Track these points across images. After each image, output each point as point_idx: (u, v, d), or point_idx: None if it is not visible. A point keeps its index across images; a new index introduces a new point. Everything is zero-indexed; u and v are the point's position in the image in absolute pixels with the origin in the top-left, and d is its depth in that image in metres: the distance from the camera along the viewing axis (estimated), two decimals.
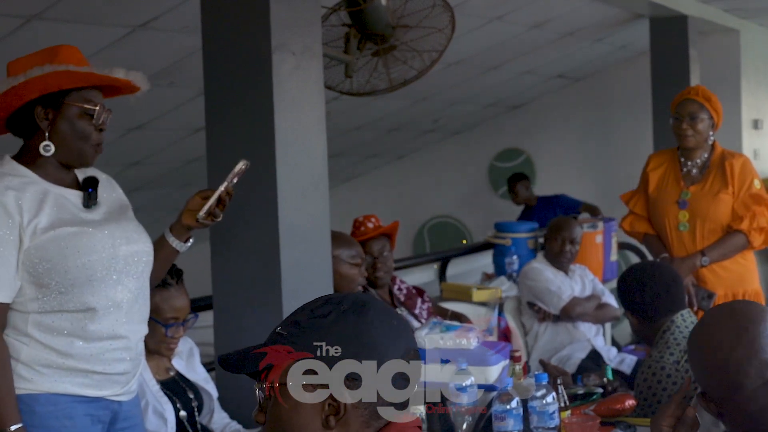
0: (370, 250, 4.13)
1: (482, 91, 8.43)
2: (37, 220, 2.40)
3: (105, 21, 4.66)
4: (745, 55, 8.60)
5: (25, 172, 2.46)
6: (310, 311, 1.47)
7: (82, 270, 2.41)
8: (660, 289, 3.35)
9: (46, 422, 2.41)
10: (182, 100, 5.95)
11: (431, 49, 4.11)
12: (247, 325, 3.37)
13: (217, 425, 3.18)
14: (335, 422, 1.41)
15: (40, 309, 2.42)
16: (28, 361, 2.41)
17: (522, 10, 6.44)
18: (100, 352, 2.46)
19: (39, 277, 2.40)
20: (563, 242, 5.13)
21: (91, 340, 2.45)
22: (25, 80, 2.40)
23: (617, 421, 3.07)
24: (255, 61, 3.29)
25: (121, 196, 2.67)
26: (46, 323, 2.42)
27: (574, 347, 5.00)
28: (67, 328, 2.42)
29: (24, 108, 2.45)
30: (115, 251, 2.48)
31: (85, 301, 2.43)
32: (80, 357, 2.44)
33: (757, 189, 4.33)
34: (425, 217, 9.78)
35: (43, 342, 2.41)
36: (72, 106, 2.45)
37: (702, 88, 4.44)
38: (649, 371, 3.20)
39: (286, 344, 1.43)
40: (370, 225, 4.23)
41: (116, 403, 2.55)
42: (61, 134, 2.46)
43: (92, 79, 2.47)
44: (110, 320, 2.47)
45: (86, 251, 2.42)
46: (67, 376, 2.44)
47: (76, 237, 2.42)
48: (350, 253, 3.74)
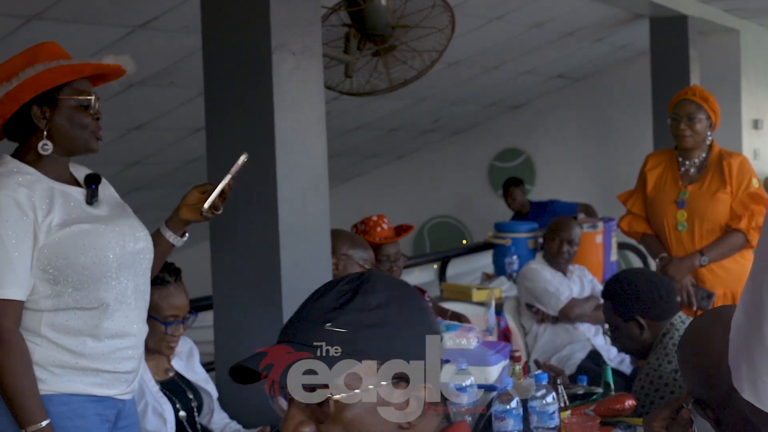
0: (387, 253, 4.12)
1: (482, 91, 8.43)
2: (50, 217, 2.41)
3: (105, 21, 4.66)
4: (745, 55, 8.60)
5: (29, 170, 2.46)
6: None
7: (98, 266, 2.43)
8: (668, 286, 3.34)
9: (59, 422, 2.42)
10: (182, 100, 5.95)
11: (431, 49, 4.11)
12: (247, 325, 3.36)
13: (217, 425, 3.18)
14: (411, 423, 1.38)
15: (54, 307, 2.42)
16: (41, 362, 2.42)
17: (522, 10, 6.44)
18: (111, 351, 2.48)
19: (54, 274, 2.41)
20: (561, 243, 5.13)
21: (102, 338, 2.46)
22: (19, 82, 2.40)
23: (617, 421, 3.07)
24: (255, 61, 3.29)
25: (114, 195, 2.68)
26: (59, 322, 2.43)
27: (573, 347, 5.00)
28: (80, 327, 2.44)
29: (19, 111, 2.45)
30: (125, 248, 2.50)
31: (99, 297, 2.45)
32: (92, 356, 2.45)
33: (756, 188, 4.33)
34: (425, 217, 9.78)
35: (55, 342, 2.42)
36: (67, 100, 2.46)
37: (699, 89, 4.45)
38: (646, 379, 3.16)
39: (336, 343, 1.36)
40: (385, 226, 4.20)
41: (121, 402, 2.56)
42: (60, 129, 2.47)
43: (86, 70, 2.49)
44: (121, 317, 2.49)
45: (102, 248, 2.44)
46: (79, 376, 2.45)
47: (91, 233, 2.44)
48: (363, 256, 3.73)
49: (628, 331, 3.31)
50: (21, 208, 2.38)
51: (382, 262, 4.11)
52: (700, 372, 1.99)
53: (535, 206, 8.11)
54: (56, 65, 2.43)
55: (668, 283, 3.38)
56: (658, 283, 3.33)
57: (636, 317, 3.28)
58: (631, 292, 3.31)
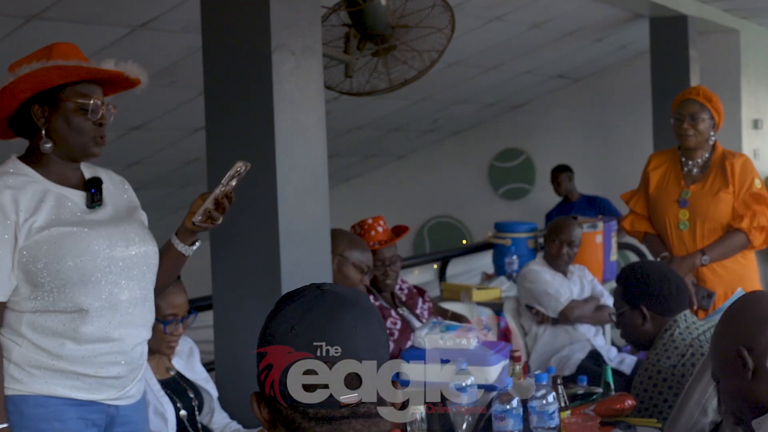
0: (382, 257, 4.09)
1: (482, 91, 8.43)
2: (33, 219, 2.39)
3: (105, 21, 4.67)
4: (745, 55, 8.60)
5: (27, 171, 2.46)
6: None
7: (74, 270, 2.40)
8: (681, 284, 3.36)
9: (35, 424, 2.40)
10: (182, 100, 5.95)
11: (431, 49, 4.11)
12: (247, 324, 3.36)
13: (217, 425, 3.18)
14: None
15: (34, 308, 2.41)
16: (18, 362, 2.41)
17: (522, 10, 6.44)
18: (92, 355, 2.44)
19: (33, 276, 2.39)
20: (561, 244, 5.13)
21: (82, 342, 2.43)
22: (14, 78, 2.39)
23: (617, 421, 3.07)
24: (255, 61, 3.29)
25: (132, 198, 2.66)
26: (39, 323, 2.41)
27: (573, 348, 5.00)
28: (59, 329, 2.41)
29: (22, 108, 2.45)
30: (112, 253, 2.46)
31: (77, 301, 2.41)
32: (71, 359, 2.42)
33: (758, 188, 4.33)
34: (425, 217, 9.78)
35: (34, 342, 2.41)
36: (67, 101, 2.44)
37: (703, 89, 4.45)
38: (645, 374, 3.19)
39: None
40: (380, 229, 4.17)
41: (113, 408, 2.52)
42: (58, 130, 2.45)
43: (81, 72, 2.45)
44: (103, 322, 2.44)
45: (80, 252, 2.41)
46: (57, 378, 2.43)
47: (71, 237, 2.41)
48: (360, 259, 3.71)
49: (632, 319, 3.35)
50: (2, 210, 2.37)
51: (377, 267, 4.05)
52: (754, 316, 2.04)
53: (585, 198, 8.08)
54: (53, 65, 2.40)
55: (681, 281, 3.39)
56: (671, 279, 3.35)
57: (641, 307, 3.32)
58: (641, 282, 3.35)
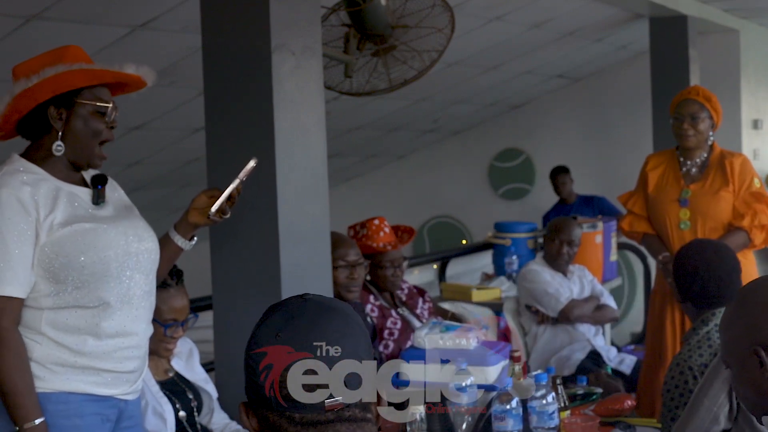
0: (391, 259, 4.12)
1: (482, 91, 8.43)
2: (53, 215, 2.42)
3: (105, 21, 4.67)
4: (745, 55, 8.60)
5: (36, 170, 2.47)
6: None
7: (98, 265, 2.43)
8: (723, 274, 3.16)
9: (57, 421, 2.41)
10: (182, 100, 5.95)
11: (431, 49, 4.11)
12: (247, 325, 3.36)
13: (217, 425, 3.18)
14: None
15: (55, 305, 2.42)
16: (40, 360, 2.42)
17: (522, 10, 6.44)
18: (112, 350, 2.48)
19: (55, 272, 2.41)
20: (561, 244, 5.13)
21: (102, 337, 2.46)
22: (38, 81, 2.41)
23: (617, 421, 3.07)
24: (255, 61, 3.29)
25: (123, 196, 2.69)
26: (59, 320, 2.43)
27: (573, 348, 5.00)
28: (81, 325, 2.44)
29: (36, 110, 2.46)
30: (128, 248, 2.50)
31: (100, 296, 2.44)
32: (92, 355, 2.45)
33: (757, 187, 4.35)
34: (425, 217, 9.78)
35: (55, 340, 2.42)
36: (84, 104, 2.47)
37: (702, 89, 4.46)
38: (676, 369, 3.01)
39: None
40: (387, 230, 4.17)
41: (123, 402, 2.56)
42: (75, 133, 2.47)
43: (106, 76, 2.49)
44: (122, 316, 2.49)
45: (102, 247, 2.44)
46: (79, 375, 2.45)
47: (92, 233, 2.44)
48: (340, 254, 3.72)
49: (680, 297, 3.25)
50: (24, 206, 2.38)
51: (386, 268, 4.11)
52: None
53: (582, 199, 8.09)
54: (78, 68, 2.44)
55: (729, 275, 3.17)
56: (717, 270, 3.16)
57: (683, 293, 3.19)
58: (689, 271, 3.19)
